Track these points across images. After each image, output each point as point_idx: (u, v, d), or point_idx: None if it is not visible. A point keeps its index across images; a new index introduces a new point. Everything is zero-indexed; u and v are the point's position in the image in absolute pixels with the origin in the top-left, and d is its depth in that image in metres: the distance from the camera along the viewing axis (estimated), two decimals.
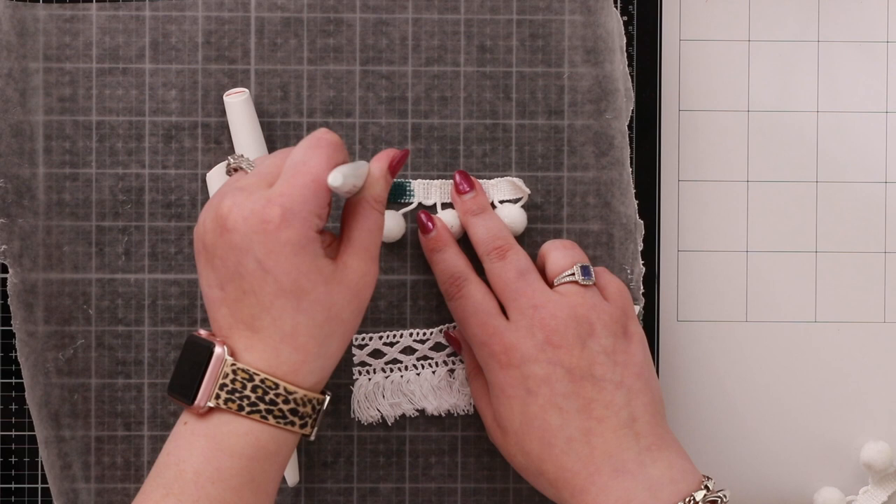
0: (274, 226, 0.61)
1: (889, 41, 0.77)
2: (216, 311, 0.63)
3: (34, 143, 0.74)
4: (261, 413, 0.62)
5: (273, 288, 0.61)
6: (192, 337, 0.63)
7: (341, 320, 0.63)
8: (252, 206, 0.61)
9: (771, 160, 0.77)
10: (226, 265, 0.62)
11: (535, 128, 0.75)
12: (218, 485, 0.61)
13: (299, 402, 0.62)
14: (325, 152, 0.63)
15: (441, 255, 0.72)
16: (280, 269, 0.61)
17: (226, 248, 0.62)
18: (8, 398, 0.74)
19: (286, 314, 0.62)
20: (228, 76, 0.74)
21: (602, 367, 0.68)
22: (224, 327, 0.63)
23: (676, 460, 0.67)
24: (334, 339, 0.63)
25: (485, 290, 0.71)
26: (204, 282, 0.64)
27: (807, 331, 0.77)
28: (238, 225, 0.61)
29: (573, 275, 0.70)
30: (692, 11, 0.77)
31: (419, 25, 0.74)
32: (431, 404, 0.75)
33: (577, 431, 0.68)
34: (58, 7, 0.74)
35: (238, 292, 0.62)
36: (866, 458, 0.76)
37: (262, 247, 0.61)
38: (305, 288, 0.61)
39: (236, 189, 0.63)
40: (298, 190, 0.61)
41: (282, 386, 0.62)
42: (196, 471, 0.61)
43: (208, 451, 0.61)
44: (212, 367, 0.62)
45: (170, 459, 0.62)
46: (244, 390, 0.61)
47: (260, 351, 0.62)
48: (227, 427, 0.62)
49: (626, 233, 0.74)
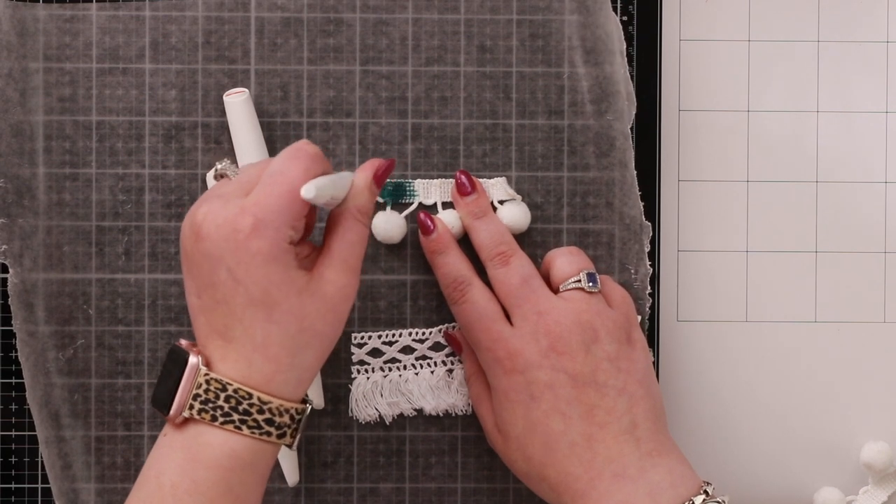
0: (244, 235, 0.60)
1: (889, 41, 0.77)
2: (195, 319, 0.63)
3: (34, 143, 0.74)
4: (234, 423, 0.61)
5: (243, 298, 0.61)
6: (173, 346, 0.63)
7: (315, 332, 0.62)
8: (226, 214, 0.61)
9: (771, 160, 0.77)
10: (201, 273, 0.62)
11: (535, 128, 0.75)
12: (195, 497, 0.60)
13: (275, 412, 0.62)
14: (303, 164, 0.62)
15: (443, 258, 0.72)
16: (250, 279, 0.61)
17: (200, 256, 0.62)
18: (8, 398, 0.75)
19: (257, 324, 0.61)
20: (228, 76, 0.74)
21: (605, 373, 0.68)
22: (202, 336, 0.63)
23: (676, 466, 0.67)
24: (309, 350, 0.62)
25: (489, 294, 0.71)
26: (186, 289, 0.64)
27: (807, 331, 0.77)
28: (211, 233, 0.61)
29: (579, 281, 0.70)
30: (692, 11, 0.77)
31: (419, 25, 0.74)
32: (430, 404, 0.75)
33: (580, 437, 0.68)
34: (58, 7, 0.74)
35: (212, 301, 0.62)
36: (866, 458, 0.76)
37: (232, 256, 0.61)
38: (276, 299, 0.61)
39: (214, 196, 0.63)
40: (273, 200, 0.61)
41: (255, 396, 0.61)
42: (173, 483, 0.61)
43: (185, 462, 0.61)
44: (186, 376, 0.61)
45: (150, 473, 0.62)
46: (217, 400, 0.61)
47: (233, 361, 0.61)
48: (202, 438, 0.61)
49: (630, 233, 0.74)
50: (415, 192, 0.74)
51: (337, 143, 0.74)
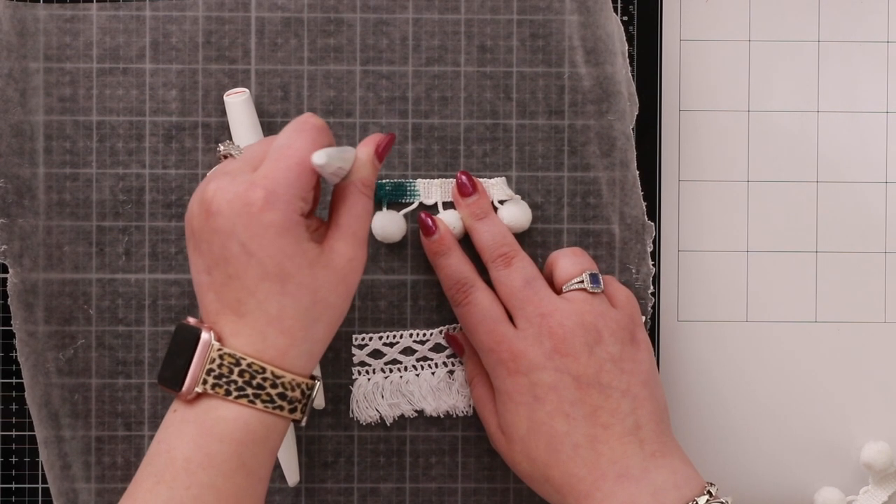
0: (257, 208, 0.61)
1: (889, 41, 0.77)
2: (204, 297, 0.63)
3: (34, 143, 0.74)
4: (248, 397, 0.61)
5: (257, 271, 0.61)
6: (181, 325, 0.63)
7: (328, 304, 0.63)
8: (236, 189, 0.61)
9: (771, 160, 0.77)
10: (211, 249, 0.62)
11: (535, 128, 0.75)
12: (209, 470, 0.60)
13: (287, 387, 0.62)
14: (310, 136, 0.63)
15: (446, 260, 0.72)
16: (264, 252, 0.61)
17: (210, 233, 0.62)
18: (8, 398, 0.74)
19: (271, 298, 0.61)
20: (228, 76, 0.74)
21: (609, 374, 0.68)
22: (211, 313, 0.63)
23: (680, 466, 0.68)
24: (321, 323, 0.63)
25: (492, 296, 0.71)
26: (193, 267, 0.64)
27: (807, 331, 0.77)
28: (222, 208, 0.61)
29: (582, 282, 0.70)
30: (692, 11, 0.77)
31: (419, 25, 0.74)
32: (430, 405, 0.75)
33: (584, 438, 0.68)
34: (58, 7, 0.74)
35: (223, 277, 0.62)
36: (866, 458, 0.76)
37: (245, 230, 0.61)
38: (290, 271, 0.61)
39: (222, 173, 0.63)
40: (282, 173, 0.61)
41: (269, 370, 0.62)
42: (186, 457, 0.61)
43: (198, 436, 0.61)
44: (199, 352, 0.62)
45: (160, 448, 0.62)
46: (231, 375, 0.61)
47: (246, 335, 0.62)
48: (215, 412, 0.61)
49: (631, 233, 0.74)
50: (416, 192, 0.74)
51: (337, 143, 0.74)
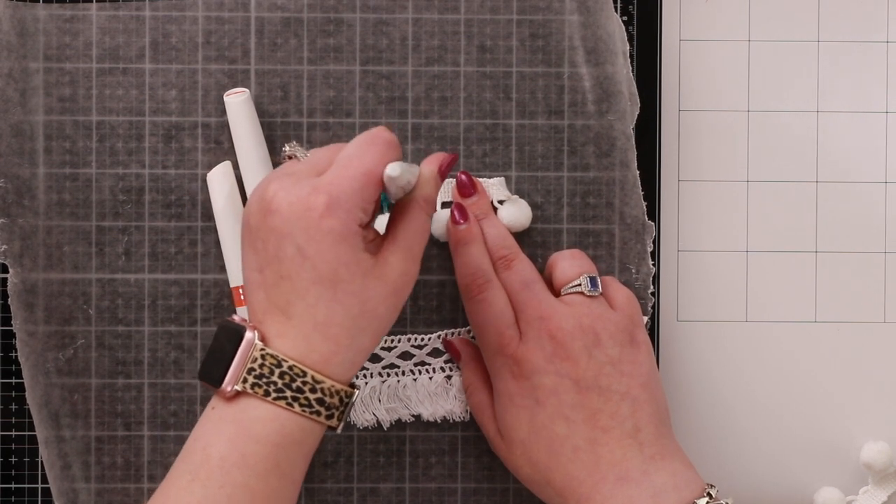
0: (318, 213, 0.61)
1: (889, 41, 0.77)
2: (253, 295, 0.63)
3: (34, 143, 0.74)
4: (287, 400, 0.61)
5: (310, 275, 0.61)
6: (225, 322, 0.63)
7: (376, 315, 0.63)
8: (298, 192, 0.62)
9: (771, 160, 0.77)
10: (266, 248, 0.62)
11: (535, 128, 0.75)
12: (244, 470, 0.61)
13: (326, 393, 0.62)
14: (380, 149, 0.63)
15: (468, 248, 0.72)
16: (319, 256, 0.61)
17: (267, 231, 0.62)
18: (8, 398, 0.74)
19: (321, 302, 0.61)
20: (228, 76, 0.74)
21: (608, 377, 0.68)
22: (259, 311, 0.63)
23: (680, 469, 0.68)
24: (367, 333, 0.63)
25: (506, 298, 0.71)
26: (245, 264, 0.64)
27: (807, 331, 0.77)
28: (282, 209, 0.62)
29: (580, 285, 0.70)
30: (692, 11, 0.77)
31: (419, 25, 0.74)
32: (427, 410, 0.75)
33: (583, 441, 0.68)
34: (58, 7, 0.74)
35: (275, 276, 0.62)
36: (866, 458, 0.76)
37: (303, 233, 0.61)
38: (343, 278, 0.61)
39: (285, 174, 0.63)
40: (347, 181, 0.62)
41: (310, 374, 0.62)
42: (222, 456, 0.61)
43: (234, 436, 0.61)
44: (241, 351, 0.62)
45: (197, 445, 0.62)
46: (271, 376, 0.61)
47: (292, 338, 0.62)
48: (253, 412, 0.61)
49: (631, 233, 0.74)
50: None
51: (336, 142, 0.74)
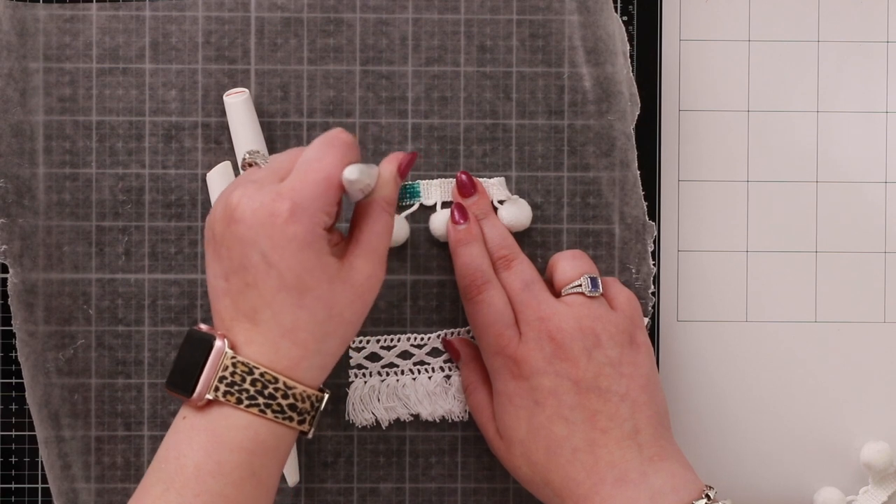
0: (282, 220, 0.61)
1: (889, 41, 0.77)
2: (219, 303, 0.63)
3: (34, 143, 0.74)
4: (259, 407, 0.62)
5: (276, 282, 0.61)
6: (193, 331, 0.63)
7: (342, 319, 0.63)
8: (262, 198, 0.62)
9: (771, 160, 0.77)
10: (231, 256, 0.62)
11: (535, 128, 0.75)
12: (219, 479, 0.61)
13: (298, 398, 0.62)
14: (340, 151, 0.63)
15: (468, 249, 0.72)
16: (284, 263, 0.61)
17: (232, 239, 0.62)
18: (8, 398, 0.74)
19: (287, 309, 0.62)
20: (228, 76, 0.74)
21: (608, 378, 0.68)
22: (226, 319, 0.63)
23: (679, 470, 0.68)
24: (334, 337, 0.63)
25: (506, 299, 0.70)
26: (210, 272, 0.64)
27: (807, 331, 0.77)
28: (246, 216, 0.62)
29: (580, 286, 0.70)
30: (692, 11, 0.77)
31: (419, 25, 0.74)
32: (426, 409, 0.74)
33: (582, 442, 0.68)
34: (58, 7, 0.74)
35: (241, 284, 0.62)
36: (866, 458, 0.76)
37: (268, 240, 0.61)
38: (308, 284, 0.62)
39: (248, 181, 0.63)
40: (309, 186, 0.62)
41: (281, 380, 0.62)
42: (197, 465, 0.61)
43: (208, 444, 0.61)
44: (211, 359, 0.62)
45: (170, 454, 0.62)
46: (243, 383, 0.61)
47: (259, 345, 0.62)
48: (226, 420, 0.62)
49: (632, 233, 0.74)
50: (417, 193, 0.74)
51: None
